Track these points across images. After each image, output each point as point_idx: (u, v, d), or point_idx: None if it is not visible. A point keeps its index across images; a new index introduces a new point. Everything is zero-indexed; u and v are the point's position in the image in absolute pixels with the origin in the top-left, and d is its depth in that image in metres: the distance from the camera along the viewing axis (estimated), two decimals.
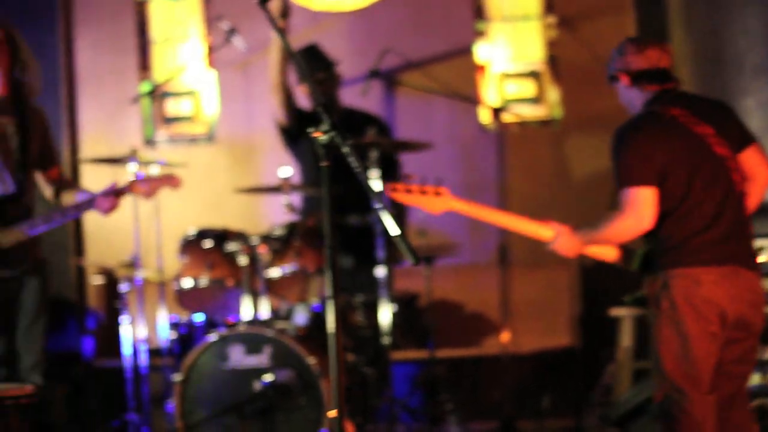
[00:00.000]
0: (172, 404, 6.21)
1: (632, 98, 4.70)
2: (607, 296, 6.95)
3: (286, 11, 7.10)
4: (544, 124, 8.50)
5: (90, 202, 5.41)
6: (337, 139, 3.31)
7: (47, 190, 5.62)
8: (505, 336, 7.54)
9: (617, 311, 6.76)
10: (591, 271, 8.05)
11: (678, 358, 4.46)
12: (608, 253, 4.71)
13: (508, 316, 7.58)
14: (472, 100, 8.28)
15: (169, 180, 5.60)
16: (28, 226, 5.34)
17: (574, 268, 8.15)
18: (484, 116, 8.43)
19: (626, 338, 6.74)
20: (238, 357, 6.07)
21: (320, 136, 3.32)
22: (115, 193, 5.37)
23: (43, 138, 5.52)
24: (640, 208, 4.46)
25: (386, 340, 6.52)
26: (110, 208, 5.40)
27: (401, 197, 4.79)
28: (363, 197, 6.60)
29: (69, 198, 5.59)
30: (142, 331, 6.81)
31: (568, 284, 8.24)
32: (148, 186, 5.50)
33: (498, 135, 8.21)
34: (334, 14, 8.60)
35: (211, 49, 8.58)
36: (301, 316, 6.58)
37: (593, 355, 7.67)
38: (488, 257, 8.04)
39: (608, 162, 4.60)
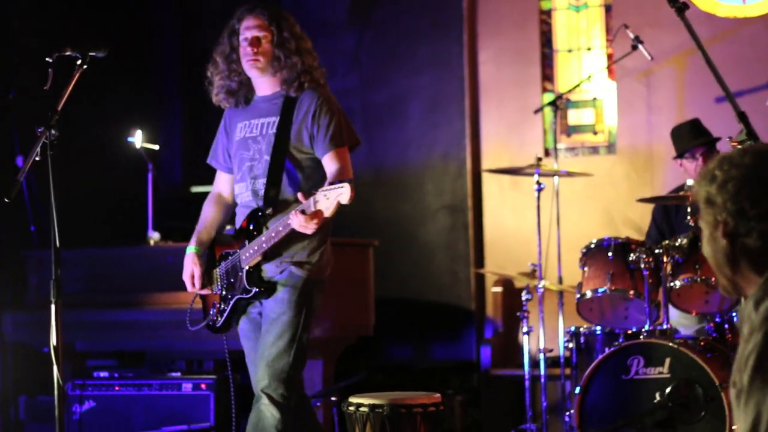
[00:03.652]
0: (571, 415, 6.19)
1: None
2: None
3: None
4: None
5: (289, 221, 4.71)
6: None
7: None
8: None
9: None
10: None
11: None
12: None
13: None
14: None
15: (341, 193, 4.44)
16: (258, 241, 4.83)
17: None
18: None
19: None
20: (638, 368, 5.96)
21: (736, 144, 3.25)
22: (302, 212, 4.53)
23: (303, 123, 4.91)
24: None
25: None
26: (300, 227, 4.58)
27: None
28: None
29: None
30: (541, 341, 6.83)
31: None
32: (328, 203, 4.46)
33: None
34: (738, 20, 8.39)
35: (613, 59, 8.51)
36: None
37: None
38: None
39: None
